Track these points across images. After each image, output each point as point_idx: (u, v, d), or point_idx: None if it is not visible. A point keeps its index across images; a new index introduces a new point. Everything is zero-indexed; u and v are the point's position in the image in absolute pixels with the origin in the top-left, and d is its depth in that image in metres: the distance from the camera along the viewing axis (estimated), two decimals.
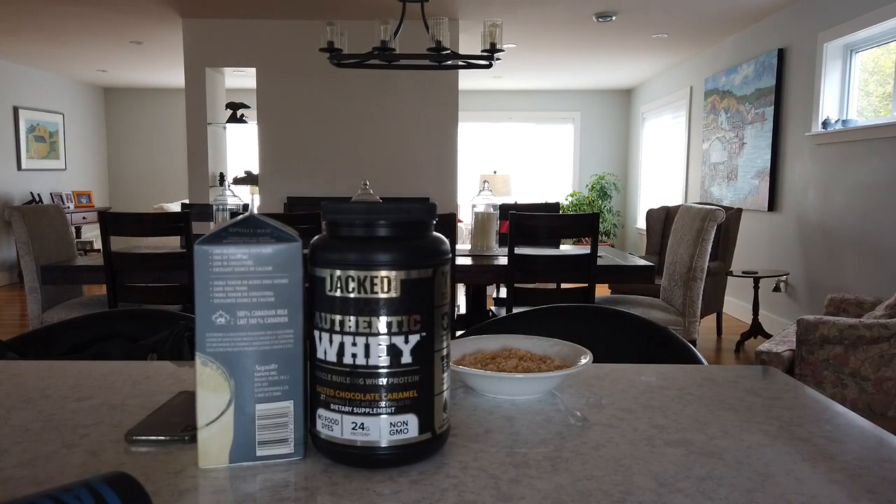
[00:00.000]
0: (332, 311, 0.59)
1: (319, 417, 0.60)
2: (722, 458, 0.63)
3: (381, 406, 0.58)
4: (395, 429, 0.59)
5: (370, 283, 0.58)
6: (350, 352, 0.58)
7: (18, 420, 0.73)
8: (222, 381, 0.59)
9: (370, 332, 0.58)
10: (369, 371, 0.58)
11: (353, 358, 0.58)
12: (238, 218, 0.61)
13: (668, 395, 0.82)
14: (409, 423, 0.59)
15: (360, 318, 0.58)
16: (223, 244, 0.59)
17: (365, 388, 0.58)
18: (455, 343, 0.92)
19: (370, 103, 5.61)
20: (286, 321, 0.60)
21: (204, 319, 0.59)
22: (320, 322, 0.60)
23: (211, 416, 0.60)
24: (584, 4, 4.91)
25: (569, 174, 9.33)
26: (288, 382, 0.61)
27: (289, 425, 0.61)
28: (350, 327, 0.58)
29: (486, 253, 3.42)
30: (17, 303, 6.36)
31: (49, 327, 1.27)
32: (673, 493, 0.56)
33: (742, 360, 4.37)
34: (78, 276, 3.24)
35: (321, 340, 0.60)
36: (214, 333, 0.59)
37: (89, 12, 5.16)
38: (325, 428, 0.60)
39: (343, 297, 0.58)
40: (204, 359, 0.59)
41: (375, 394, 0.58)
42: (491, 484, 0.58)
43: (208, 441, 0.60)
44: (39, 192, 7.77)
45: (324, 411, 0.60)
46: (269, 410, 0.60)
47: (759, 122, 5.30)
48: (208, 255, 0.58)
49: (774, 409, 0.77)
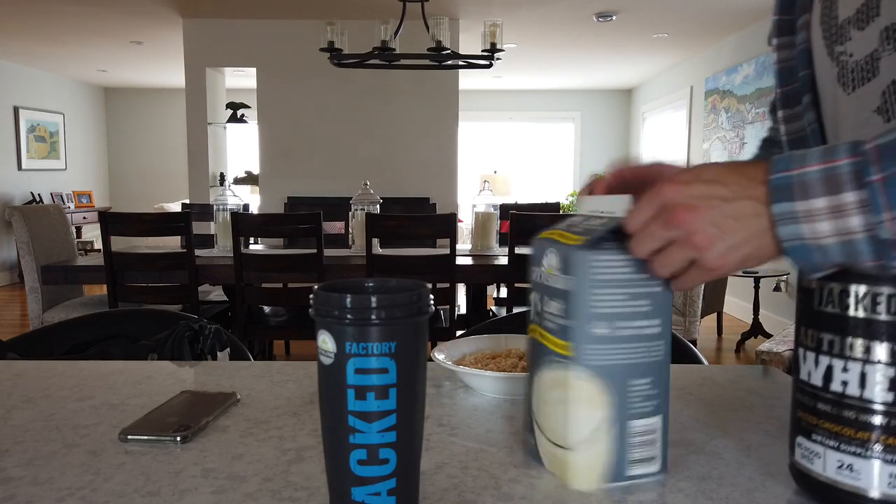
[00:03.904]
0: (819, 329, 0.52)
1: (799, 446, 0.54)
2: (722, 458, 0.63)
3: (873, 448, 0.49)
4: (894, 480, 0.49)
5: (871, 301, 0.49)
6: (840, 378, 0.51)
7: (19, 420, 0.73)
8: (599, 397, 0.56)
9: (868, 360, 0.49)
10: (862, 404, 0.50)
11: (842, 386, 0.51)
12: (609, 224, 0.56)
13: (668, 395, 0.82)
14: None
15: (855, 341, 0.50)
16: (603, 250, 0.55)
17: (856, 424, 0.50)
18: (455, 343, 0.92)
19: (370, 103, 5.61)
20: (659, 331, 0.57)
21: (582, 330, 0.55)
22: (805, 339, 0.53)
23: (584, 433, 0.57)
24: (584, 4, 4.91)
25: (569, 174, 9.33)
26: (658, 396, 0.58)
27: (657, 442, 0.58)
28: (842, 350, 0.50)
29: (486, 253, 3.42)
30: (17, 303, 6.36)
31: (49, 327, 1.28)
32: (673, 492, 0.56)
33: (742, 360, 4.37)
34: (78, 276, 3.24)
35: (805, 360, 0.53)
36: (593, 345, 0.56)
37: (89, 12, 5.16)
38: (804, 459, 0.54)
39: (835, 313, 0.51)
40: (580, 372, 0.56)
41: (867, 433, 0.50)
42: (491, 484, 0.58)
43: (582, 459, 0.57)
44: (40, 192, 7.77)
45: (804, 440, 0.54)
46: (641, 427, 0.57)
47: (759, 122, 5.29)
48: (590, 262, 0.55)
49: (774, 409, 0.77)
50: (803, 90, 0.73)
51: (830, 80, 0.69)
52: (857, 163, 0.46)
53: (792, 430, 0.56)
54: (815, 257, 0.49)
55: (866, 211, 0.46)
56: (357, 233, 3.45)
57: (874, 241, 0.46)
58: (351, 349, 0.47)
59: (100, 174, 9.13)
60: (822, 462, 0.52)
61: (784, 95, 0.75)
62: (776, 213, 0.49)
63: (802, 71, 0.73)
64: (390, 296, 0.48)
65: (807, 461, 0.53)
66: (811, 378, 0.52)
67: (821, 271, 0.50)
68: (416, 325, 0.49)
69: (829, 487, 0.51)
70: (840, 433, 0.50)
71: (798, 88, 0.73)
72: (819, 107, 0.72)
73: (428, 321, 0.50)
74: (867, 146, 0.46)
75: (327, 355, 0.48)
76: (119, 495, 0.56)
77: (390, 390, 0.48)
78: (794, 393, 0.55)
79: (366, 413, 0.48)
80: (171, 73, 7.83)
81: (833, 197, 0.47)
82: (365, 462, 0.48)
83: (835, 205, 0.47)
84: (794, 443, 0.55)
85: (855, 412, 0.50)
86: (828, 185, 0.47)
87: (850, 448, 0.50)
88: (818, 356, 0.52)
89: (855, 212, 0.46)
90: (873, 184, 0.45)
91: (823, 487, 0.52)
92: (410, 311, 0.48)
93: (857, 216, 0.46)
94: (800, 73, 0.73)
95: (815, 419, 0.52)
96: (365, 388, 0.47)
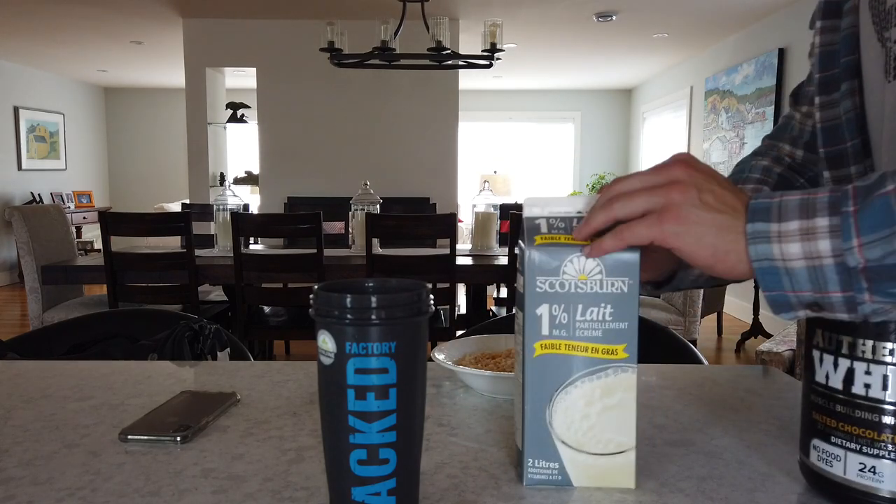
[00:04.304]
0: (837, 332, 0.52)
1: (815, 448, 0.54)
2: (722, 458, 0.63)
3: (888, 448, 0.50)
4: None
5: None
6: (862, 381, 0.50)
7: (19, 420, 0.73)
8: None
9: (892, 363, 0.49)
10: (882, 406, 0.50)
11: (865, 389, 0.50)
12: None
13: (669, 394, 0.82)
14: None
15: (877, 343, 0.50)
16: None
17: (878, 427, 0.50)
18: (455, 343, 0.92)
19: (370, 103, 5.61)
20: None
21: (635, 327, 0.56)
22: (821, 341, 0.53)
23: (636, 429, 0.58)
24: (584, 4, 4.91)
25: (569, 174, 9.33)
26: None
27: None
28: (864, 353, 0.50)
29: (486, 253, 3.42)
30: (17, 303, 6.36)
31: (49, 327, 1.28)
32: (673, 493, 0.56)
33: (742, 360, 4.37)
34: (78, 276, 3.24)
35: (822, 362, 0.53)
36: (636, 340, 0.57)
37: (89, 12, 5.16)
38: (821, 461, 0.54)
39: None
40: (635, 368, 0.57)
41: (886, 434, 0.50)
42: (491, 484, 0.58)
43: (636, 456, 0.58)
44: (40, 192, 7.77)
45: (821, 443, 0.54)
46: None
47: (759, 122, 5.30)
48: (639, 261, 0.55)
49: (774, 409, 0.77)
50: (843, 76, 0.70)
51: (878, 67, 0.66)
52: (835, 197, 0.48)
53: (805, 432, 0.55)
54: (783, 283, 0.49)
55: (836, 236, 0.46)
56: (357, 233, 3.46)
57: (842, 268, 0.46)
58: (351, 349, 0.47)
59: (100, 174, 9.13)
60: (843, 465, 0.52)
61: (822, 81, 0.73)
62: (750, 231, 0.49)
63: (845, 57, 0.70)
64: (390, 296, 0.48)
65: (824, 463, 0.53)
66: (829, 381, 0.52)
67: (790, 310, 0.50)
68: (416, 325, 0.49)
69: (849, 489, 0.51)
70: (862, 435, 0.50)
71: (838, 75, 0.70)
72: (858, 95, 0.69)
73: (428, 321, 0.50)
74: (847, 186, 0.48)
75: (327, 355, 0.48)
76: (119, 495, 0.56)
77: (390, 390, 0.48)
78: (806, 395, 0.55)
79: (366, 413, 0.48)
80: (171, 73, 7.83)
81: (806, 220, 0.48)
82: (365, 462, 0.48)
83: (807, 227, 0.47)
84: (808, 445, 0.55)
85: (878, 415, 0.50)
86: (803, 210, 0.48)
87: (873, 451, 0.50)
88: (837, 358, 0.51)
89: (825, 236, 0.47)
90: (848, 213, 0.46)
91: (842, 489, 0.52)
92: (410, 311, 0.48)
93: (827, 240, 0.47)
94: (842, 58, 0.70)
95: (833, 421, 0.52)
96: (365, 388, 0.47)
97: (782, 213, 0.49)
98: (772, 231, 0.49)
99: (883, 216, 0.45)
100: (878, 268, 0.45)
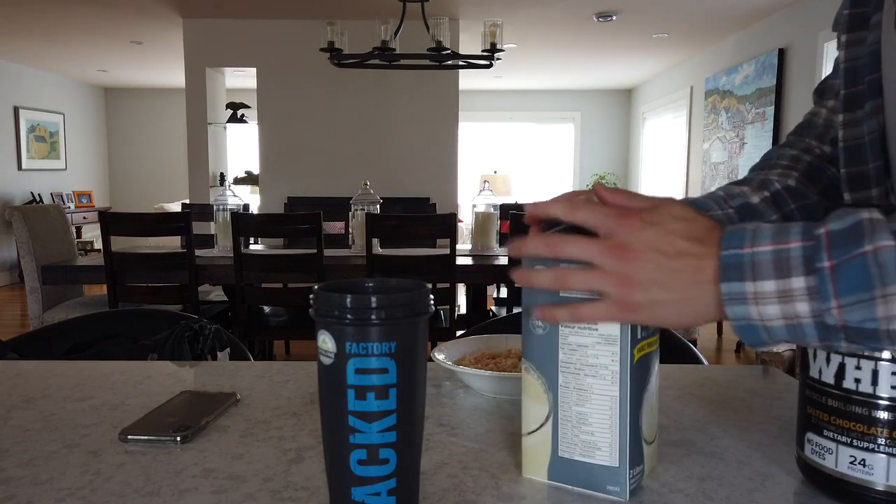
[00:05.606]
0: None
1: (809, 441, 0.55)
2: (722, 458, 0.63)
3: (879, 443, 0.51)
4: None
5: None
6: (853, 376, 0.51)
7: (19, 420, 0.73)
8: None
9: (879, 358, 0.50)
10: (872, 400, 0.51)
11: (855, 384, 0.51)
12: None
13: (669, 395, 0.82)
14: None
15: None
16: None
17: (868, 420, 0.51)
18: (455, 343, 0.92)
19: (370, 103, 5.61)
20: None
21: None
22: None
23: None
24: (584, 4, 4.91)
25: (569, 174, 9.33)
26: None
27: None
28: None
29: (486, 253, 3.42)
30: (17, 303, 6.36)
31: (49, 327, 1.27)
32: (673, 493, 0.56)
33: (742, 360, 4.37)
34: (78, 276, 3.24)
35: (816, 358, 0.54)
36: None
37: (89, 12, 5.16)
38: (814, 454, 0.55)
39: None
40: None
41: (879, 428, 0.51)
42: (491, 484, 0.58)
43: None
44: (40, 192, 7.77)
45: (814, 436, 0.55)
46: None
47: (759, 122, 5.30)
48: None
49: (774, 409, 0.77)
50: (868, 95, 0.67)
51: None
52: (808, 247, 0.46)
53: (801, 426, 0.57)
54: (762, 337, 0.48)
55: (814, 298, 0.45)
56: (357, 233, 3.45)
57: (821, 326, 0.46)
58: (351, 349, 0.47)
59: (100, 174, 9.13)
60: (835, 458, 0.53)
61: (847, 98, 0.70)
62: (725, 292, 0.48)
63: (869, 75, 0.67)
64: (390, 296, 0.48)
65: (817, 456, 0.54)
66: (822, 375, 0.53)
67: (766, 346, 0.50)
68: (416, 325, 0.49)
69: (840, 482, 0.53)
70: (853, 429, 0.52)
71: (863, 91, 0.68)
72: (882, 114, 0.67)
73: (428, 321, 0.50)
74: (820, 231, 0.46)
75: (327, 355, 0.48)
76: (119, 495, 0.56)
77: (390, 390, 0.48)
78: (802, 390, 0.56)
79: (366, 413, 0.48)
80: (171, 73, 7.83)
81: (782, 281, 0.46)
82: (365, 462, 0.48)
83: (783, 289, 0.46)
84: (803, 438, 0.56)
85: (869, 409, 0.51)
86: (778, 269, 0.47)
87: (863, 444, 0.51)
88: (829, 354, 0.53)
89: (803, 298, 0.46)
90: (823, 271, 0.45)
91: (834, 482, 0.53)
92: (410, 311, 0.48)
93: (805, 303, 0.46)
94: (867, 76, 0.67)
95: (825, 415, 0.53)
96: (365, 388, 0.47)
97: (756, 270, 0.47)
98: (748, 293, 0.47)
99: (861, 279, 0.44)
100: (858, 329, 0.45)
